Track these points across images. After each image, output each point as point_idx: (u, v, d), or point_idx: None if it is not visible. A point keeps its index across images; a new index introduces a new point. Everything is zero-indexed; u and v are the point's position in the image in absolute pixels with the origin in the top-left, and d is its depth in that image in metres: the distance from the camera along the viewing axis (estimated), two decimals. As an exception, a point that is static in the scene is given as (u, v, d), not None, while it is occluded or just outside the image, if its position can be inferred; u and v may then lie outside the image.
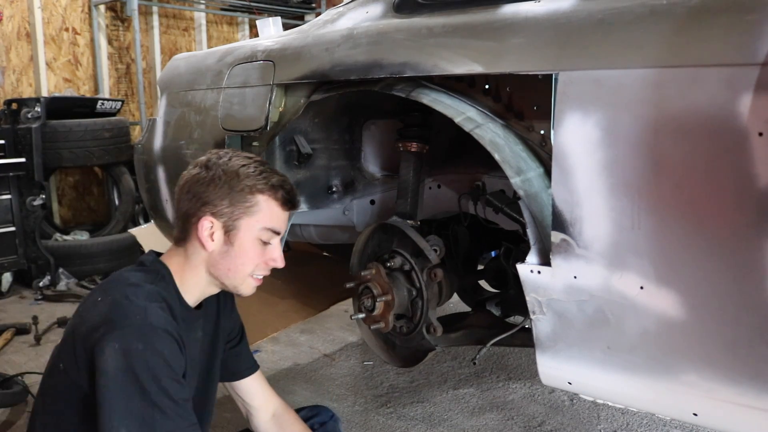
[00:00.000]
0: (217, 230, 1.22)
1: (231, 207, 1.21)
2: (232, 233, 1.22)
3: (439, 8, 1.54)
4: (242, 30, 6.23)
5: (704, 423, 1.13)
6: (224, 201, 1.21)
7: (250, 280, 1.27)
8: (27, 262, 3.93)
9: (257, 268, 1.27)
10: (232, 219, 1.22)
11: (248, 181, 1.22)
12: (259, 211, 1.23)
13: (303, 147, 1.89)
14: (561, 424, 2.22)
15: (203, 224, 1.22)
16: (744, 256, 1.01)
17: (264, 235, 1.24)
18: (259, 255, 1.25)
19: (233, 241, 1.23)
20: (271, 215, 1.24)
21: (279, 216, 1.26)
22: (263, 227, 1.23)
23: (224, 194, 1.21)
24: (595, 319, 1.18)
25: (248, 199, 1.22)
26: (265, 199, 1.23)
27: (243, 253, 1.23)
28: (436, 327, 1.69)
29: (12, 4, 4.59)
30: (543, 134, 1.31)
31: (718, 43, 1.00)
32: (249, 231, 1.23)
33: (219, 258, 1.24)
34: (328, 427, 1.54)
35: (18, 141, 3.88)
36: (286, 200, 1.25)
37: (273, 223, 1.25)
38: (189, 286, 1.26)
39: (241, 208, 1.22)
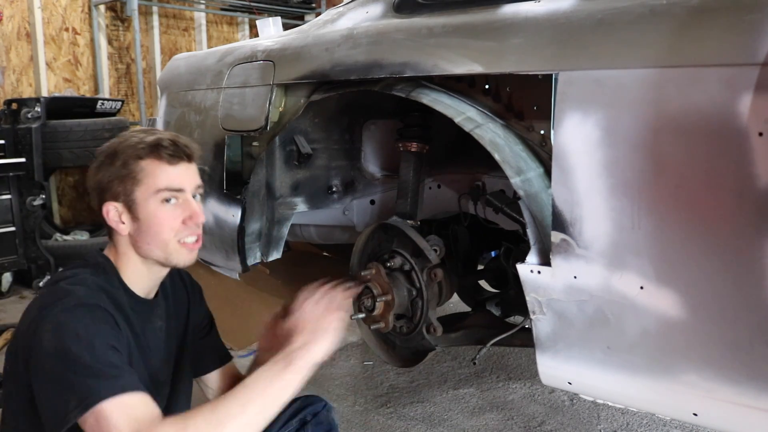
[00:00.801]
0: (122, 212, 1.22)
1: (122, 184, 1.20)
2: (134, 209, 1.21)
3: (439, 8, 1.54)
4: (242, 30, 6.23)
5: (704, 423, 1.13)
6: (114, 182, 1.21)
7: (177, 246, 1.24)
8: (27, 262, 3.93)
9: (178, 232, 1.23)
10: (127, 195, 1.21)
11: (126, 153, 1.21)
12: (146, 176, 1.20)
13: (303, 147, 1.89)
14: (561, 424, 2.22)
15: (108, 212, 1.22)
16: (744, 256, 1.01)
17: (163, 196, 1.21)
18: (172, 218, 1.22)
19: (139, 216, 1.21)
20: (160, 174, 1.21)
21: (169, 172, 1.22)
22: (157, 189, 1.21)
23: (111, 175, 1.21)
24: (595, 319, 1.18)
25: (132, 169, 1.20)
26: (148, 162, 1.21)
27: (153, 223, 1.21)
28: (436, 327, 1.69)
29: (12, 4, 4.59)
30: (543, 134, 1.31)
31: (718, 43, 1.00)
32: (146, 199, 1.21)
33: (137, 237, 1.23)
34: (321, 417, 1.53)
35: (18, 141, 3.88)
36: (169, 154, 1.22)
37: (166, 182, 1.21)
38: (131, 275, 1.25)
39: (129, 180, 1.20)
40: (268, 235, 1.94)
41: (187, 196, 1.24)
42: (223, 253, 1.93)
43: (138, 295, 1.26)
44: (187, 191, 1.24)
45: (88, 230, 4.56)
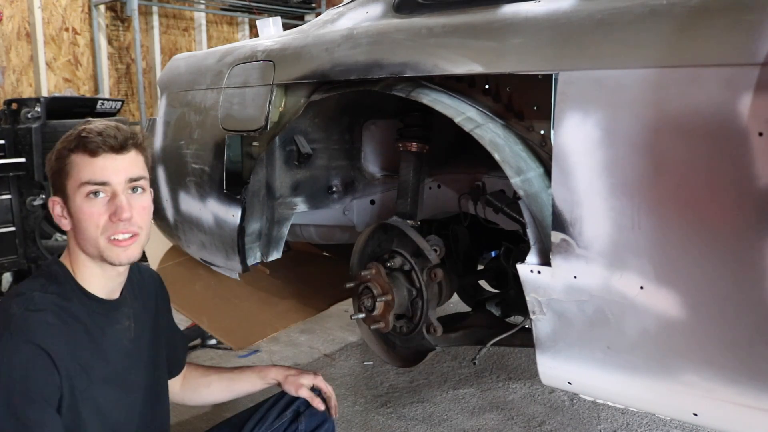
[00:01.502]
0: (63, 207, 1.20)
1: (58, 178, 1.19)
2: (67, 204, 1.19)
3: (439, 8, 1.54)
4: (242, 30, 6.23)
5: (704, 423, 1.13)
6: (54, 176, 1.20)
7: (107, 244, 1.18)
8: (27, 262, 3.93)
9: (104, 229, 1.17)
10: (62, 189, 1.18)
11: (60, 146, 1.19)
12: (73, 168, 1.17)
13: (303, 147, 1.89)
14: (561, 424, 2.22)
15: (53, 208, 1.21)
16: (744, 256, 1.01)
17: (86, 189, 1.16)
18: (96, 214, 1.17)
19: (71, 210, 1.18)
20: (84, 167, 1.16)
21: (93, 165, 1.16)
22: (81, 182, 1.16)
23: (51, 170, 1.20)
24: (595, 319, 1.18)
25: (63, 163, 1.18)
26: (75, 155, 1.17)
27: (80, 218, 1.17)
28: (436, 327, 1.69)
29: (12, 4, 4.59)
30: (543, 134, 1.31)
31: (718, 43, 1.00)
32: (74, 193, 1.17)
33: (75, 233, 1.20)
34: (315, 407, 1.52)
35: (18, 141, 3.88)
36: (93, 145, 1.16)
37: (89, 175, 1.16)
38: (87, 276, 1.22)
39: (61, 174, 1.18)
40: (268, 235, 1.94)
41: (114, 189, 1.17)
42: (223, 253, 1.93)
43: (98, 296, 1.22)
44: (114, 184, 1.17)
45: (88, 230, 4.55)
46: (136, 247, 1.22)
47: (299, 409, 1.50)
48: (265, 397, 1.55)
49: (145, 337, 1.35)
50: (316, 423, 1.49)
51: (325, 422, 1.51)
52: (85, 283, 1.21)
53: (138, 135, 1.23)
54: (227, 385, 1.56)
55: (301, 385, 1.49)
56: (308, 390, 1.50)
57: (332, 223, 2.18)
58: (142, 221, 1.22)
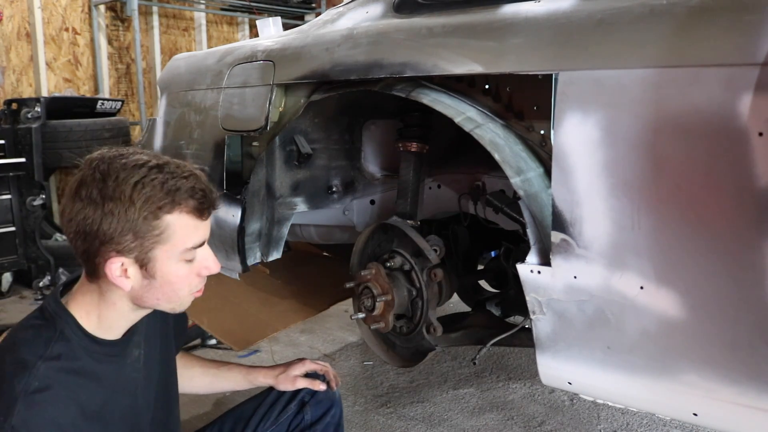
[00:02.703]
0: (129, 267, 1.02)
1: (138, 240, 1.00)
2: (149, 266, 1.03)
3: (439, 8, 1.54)
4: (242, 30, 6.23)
5: (704, 423, 1.13)
6: (127, 236, 1.00)
7: (188, 298, 1.11)
8: (27, 262, 3.94)
9: (191, 286, 1.10)
10: (144, 251, 1.01)
11: (149, 205, 0.99)
12: (173, 234, 1.02)
13: (303, 147, 1.89)
14: (561, 424, 2.22)
15: (111, 267, 1.01)
16: (744, 256, 1.01)
17: (187, 255, 1.05)
18: (193, 274, 1.08)
19: (153, 274, 1.04)
20: (188, 232, 1.03)
21: (197, 228, 1.05)
22: (183, 249, 1.04)
23: (125, 229, 0.99)
24: (595, 319, 1.18)
25: (156, 225, 1.00)
26: (176, 218, 1.01)
27: (169, 282, 1.05)
28: (436, 327, 1.69)
29: (12, 4, 4.59)
30: (543, 134, 1.31)
31: (718, 43, 1.00)
32: (168, 258, 1.03)
33: (143, 292, 1.06)
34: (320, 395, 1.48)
35: (18, 141, 3.88)
36: (200, 210, 1.04)
37: (193, 240, 1.05)
38: (110, 322, 1.09)
39: (151, 237, 1.01)
40: (268, 235, 1.94)
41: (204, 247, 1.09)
42: (223, 253, 1.93)
43: (107, 340, 1.11)
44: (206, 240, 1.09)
45: (88, 230, 4.55)
46: None
47: (304, 399, 1.47)
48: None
49: (155, 351, 1.26)
50: (322, 411, 1.47)
51: (331, 408, 1.48)
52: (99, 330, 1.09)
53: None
54: (210, 382, 1.52)
55: (295, 378, 1.47)
56: (303, 378, 1.47)
57: (332, 223, 2.18)
58: None
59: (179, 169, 1.04)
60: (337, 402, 1.51)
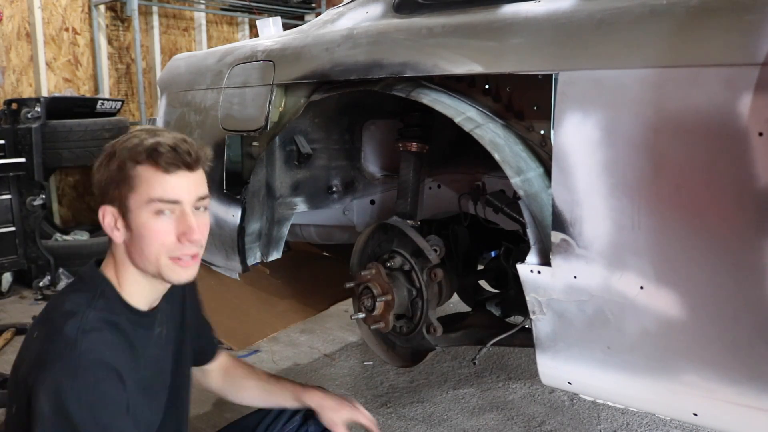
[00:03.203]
0: (117, 218, 1.13)
1: (116, 189, 1.11)
2: (127, 217, 1.12)
3: (439, 8, 1.54)
4: (242, 30, 6.23)
5: (704, 423, 1.13)
6: (110, 186, 1.12)
7: (169, 263, 1.14)
8: (27, 262, 3.93)
9: (170, 249, 1.13)
10: (122, 201, 1.11)
11: (123, 155, 1.11)
12: (141, 183, 1.10)
13: (303, 147, 1.89)
14: (561, 424, 2.22)
15: (104, 217, 1.14)
16: (744, 256, 1.01)
17: (155, 206, 1.10)
18: (164, 233, 1.11)
19: (131, 225, 1.12)
20: (154, 183, 1.10)
21: (165, 182, 1.10)
22: (150, 198, 1.10)
23: (108, 178, 1.12)
24: (595, 319, 1.18)
25: (127, 174, 1.10)
26: (144, 168, 1.10)
27: (144, 234, 1.11)
28: (436, 327, 1.69)
29: (12, 4, 4.59)
30: (543, 134, 1.31)
31: (718, 43, 1.00)
32: (140, 207, 1.10)
33: (130, 247, 1.13)
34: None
35: (18, 141, 3.88)
36: (166, 161, 1.09)
37: (160, 192, 1.10)
38: (131, 288, 1.17)
39: (125, 186, 1.10)
40: (268, 235, 1.94)
41: (184, 208, 1.12)
42: (223, 253, 1.93)
43: (140, 309, 1.19)
44: (185, 203, 1.12)
45: (88, 230, 4.56)
46: (197, 266, 1.19)
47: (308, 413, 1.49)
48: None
49: (172, 337, 1.32)
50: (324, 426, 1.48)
51: None
52: (128, 296, 1.17)
53: (205, 151, 1.17)
54: (262, 397, 1.51)
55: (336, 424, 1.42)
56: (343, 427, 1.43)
57: (332, 223, 2.18)
58: (204, 240, 1.17)
59: (164, 134, 1.14)
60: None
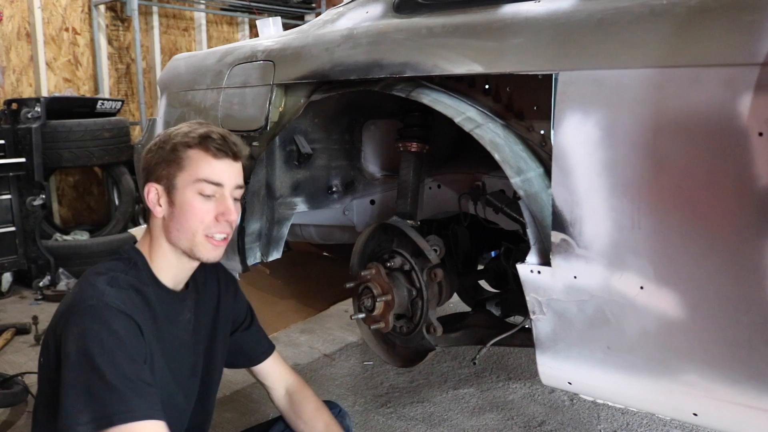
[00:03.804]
0: (161, 195, 1.25)
1: (166, 168, 1.24)
2: (172, 193, 1.25)
3: (439, 8, 1.54)
4: (242, 30, 6.23)
5: (704, 423, 1.13)
6: (160, 164, 1.25)
7: (203, 240, 1.26)
8: (27, 262, 3.93)
9: (208, 226, 1.26)
10: (170, 179, 1.24)
11: (176, 140, 1.25)
12: (191, 164, 1.24)
13: (303, 147, 1.89)
14: (561, 424, 2.22)
15: (149, 192, 1.26)
16: (744, 256, 1.01)
17: (201, 187, 1.24)
18: (205, 211, 1.25)
19: (175, 201, 1.24)
20: (204, 166, 1.24)
21: (213, 166, 1.25)
22: (197, 179, 1.24)
23: (159, 158, 1.25)
24: (595, 319, 1.18)
25: (179, 155, 1.24)
26: (195, 152, 1.24)
27: (186, 210, 1.24)
28: (436, 327, 1.69)
29: (12, 4, 4.59)
30: (543, 134, 1.31)
31: (718, 43, 1.00)
32: (186, 186, 1.24)
33: (169, 222, 1.26)
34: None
35: (18, 141, 3.88)
36: (216, 148, 1.25)
37: (208, 174, 1.24)
38: (161, 265, 1.28)
39: (174, 166, 1.24)
40: (268, 235, 1.94)
41: (224, 192, 1.26)
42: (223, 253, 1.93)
43: (167, 286, 1.29)
44: (226, 187, 1.26)
45: (88, 230, 4.56)
46: (224, 248, 1.30)
47: None
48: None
49: (203, 330, 1.39)
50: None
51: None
52: (158, 271, 1.28)
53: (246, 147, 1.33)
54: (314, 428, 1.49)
55: None
56: None
57: (332, 223, 2.18)
58: (235, 224, 1.31)
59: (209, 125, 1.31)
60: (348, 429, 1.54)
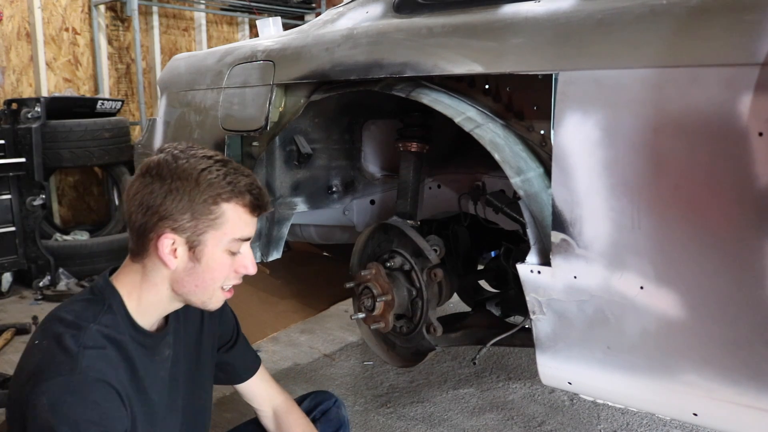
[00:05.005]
0: (179, 246, 1.10)
1: (194, 221, 1.08)
2: (197, 249, 1.10)
3: (439, 8, 1.54)
4: (242, 30, 6.22)
5: (704, 423, 1.13)
6: (185, 215, 1.08)
7: (219, 294, 1.16)
8: (27, 262, 3.93)
9: (227, 280, 1.16)
10: (197, 234, 1.09)
11: (211, 190, 1.09)
12: (226, 222, 1.10)
13: (303, 147, 1.89)
14: (561, 424, 2.22)
15: (163, 242, 1.09)
16: (744, 256, 1.01)
17: (233, 246, 1.13)
18: (229, 266, 1.14)
19: (199, 257, 1.10)
20: (240, 224, 1.12)
21: (248, 223, 1.13)
22: (232, 239, 1.12)
23: (185, 207, 1.08)
24: (595, 319, 1.18)
25: (213, 210, 1.09)
26: (232, 207, 1.10)
27: (211, 269, 1.12)
28: (436, 327, 1.69)
29: (12, 4, 4.59)
30: (543, 134, 1.31)
31: (718, 43, 1.00)
32: (216, 245, 1.11)
33: (184, 275, 1.12)
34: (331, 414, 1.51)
35: (18, 141, 3.88)
36: (255, 205, 1.13)
37: (242, 233, 1.13)
38: (147, 307, 1.15)
39: (206, 220, 1.09)
40: (268, 235, 1.94)
41: (248, 246, 1.17)
42: (223, 253, 1.93)
43: (145, 329, 1.16)
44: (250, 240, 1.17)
45: (88, 230, 4.56)
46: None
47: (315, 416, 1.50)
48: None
49: (185, 358, 1.29)
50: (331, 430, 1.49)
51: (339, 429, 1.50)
52: (139, 315, 1.14)
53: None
54: None
55: None
56: None
57: (332, 223, 2.18)
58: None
59: (240, 168, 1.14)
60: (346, 424, 1.52)
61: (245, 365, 1.47)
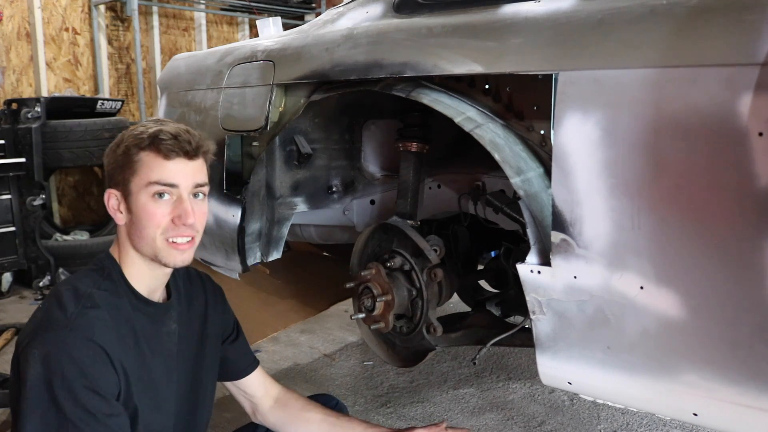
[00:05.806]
0: (120, 202, 1.20)
1: (121, 173, 1.18)
2: (129, 199, 1.19)
3: (439, 8, 1.54)
4: (242, 30, 6.23)
5: (704, 423, 1.13)
6: (116, 169, 1.19)
7: (165, 246, 1.19)
8: (27, 262, 3.94)
9: (165, 230, 1.18)
10: (125, 184, 1.19)
11: (128, 141, 1.19)
12: (142, 167, 1.17)
13: (303, 147, 1.89)
14: (561, 424, 2.22)
15: (109, 200, 1.21)
16: (744, 256, 1.00)
17: (154, 189, 1.17)
18: (161, 214, 1.18)
19: (132, 207, 1.19)
20: (155, 167, 1.17)
21: (164, 167, 1.17)
22: (149, 182, 1.17)
23: (114, 162, 1.20)
24: (595, 319, 1.18)
25: (131, 159, 1.18)
26: (146, 154, 1.17)
27: (142, 216, 1.18)
28: (436, 327, 1.69)
29: (12, 4, 4.59)
30: (543, 134, 1.31)
31: (718, 43, 1.00)
32: (139, 190, 1.17)
33: (131, 230, 1.20)
34: None
35: (18, 141, 3.88)
36: (167, 147, 1.17)
37: (159, 176, 1.17)
38: (133, 273, 1.22)
39: (128, 170, 1.18)
40: (268, 235, 1.94)
41: (181, 193, 1.19)
42: (223, 253, 1.93)
43: (144, 297, 1.23)
44: (182, 188, 1.19)
45: (88, 230, 4.56)
46: (192, 251, 1.23)
47: None
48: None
49: (190, 342, 1.33)
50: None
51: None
52: (132, 280, 1.22)
53: (206, 143, 1.24)
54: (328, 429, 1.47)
55: None
56: None
57: (332, 223, 2.18)
58: (200, 226, 1.23)
59: (165, 121, 1.23)
60: None
61: (248, 360, 1.50)
